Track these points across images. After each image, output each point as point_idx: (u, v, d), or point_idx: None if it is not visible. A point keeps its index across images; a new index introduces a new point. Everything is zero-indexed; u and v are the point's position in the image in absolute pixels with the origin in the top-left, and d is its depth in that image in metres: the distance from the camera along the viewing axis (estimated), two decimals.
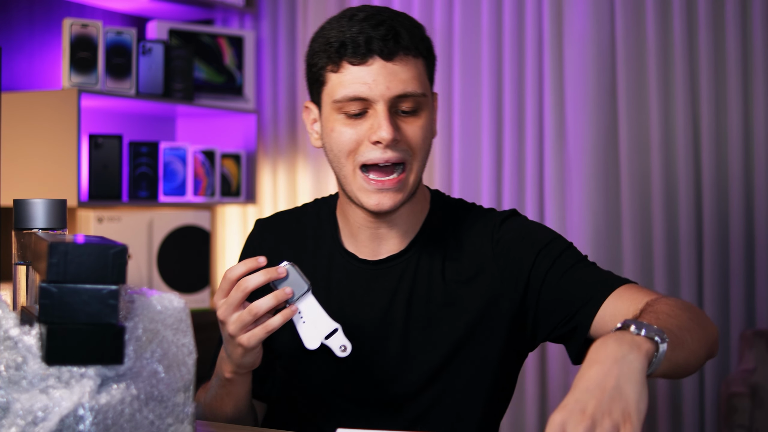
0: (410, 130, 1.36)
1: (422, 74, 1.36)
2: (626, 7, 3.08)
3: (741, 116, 2.96)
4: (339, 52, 1.34)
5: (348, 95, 1.33)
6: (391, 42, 1.32)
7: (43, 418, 0.80)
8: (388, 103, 1.33)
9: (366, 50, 1.32)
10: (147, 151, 3.20)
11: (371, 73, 1.32)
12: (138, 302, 0.90)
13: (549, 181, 3.19)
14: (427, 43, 1.38)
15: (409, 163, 1.37)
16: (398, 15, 1.37)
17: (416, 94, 1.34)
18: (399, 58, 1.33)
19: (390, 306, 1.45)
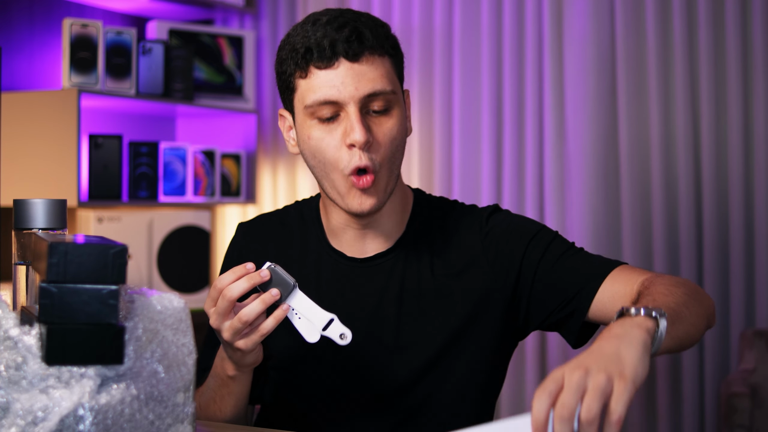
0: (381, 132, 1.37)
1: (390, 72, 1.37)
2: (626, 7, 3.08)
3: (741, 116, 2.96)
4: (305, 58, 1.34)
5: (318, 99, 1.34)
6: (355, 43, 1.33)
7: (43, 418, 0.80)
8: (358, 104, 1.34)
9: (331, 53, 1.33)
10: (147, 151, 3.20)
11: (339, 75, 1.33)
12: (138, 302, 0.90)
13: (549, 181, 3.19)
14: (392, 41, 1.39)
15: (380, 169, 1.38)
16: (361, 15, 1.38)
17: (386, 92, 1.35)
18: (365, 58, 1.34)
19: (380, 302, 1.47)
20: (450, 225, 1.50)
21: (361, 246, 1.49)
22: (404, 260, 1.48)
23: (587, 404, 0.96)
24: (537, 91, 3.22)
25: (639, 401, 3.06)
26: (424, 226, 1.50)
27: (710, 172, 2.99)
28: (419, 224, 1.50)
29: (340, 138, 1.36)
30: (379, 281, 1.47)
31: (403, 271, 1.47)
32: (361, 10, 1.43)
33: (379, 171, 1.38)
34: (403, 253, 1.48)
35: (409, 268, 1.47)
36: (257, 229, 1.58)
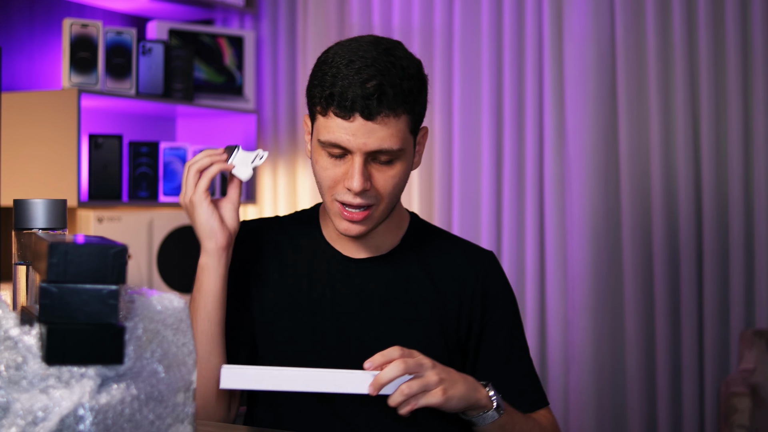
0: (382, 179, 1.47)
1: (402, 130, 1.44)
2: (626, 7, 3.08)
3: (741, 116, 2.96)
4: (327, 101, 1.43)
5: (330, 141, 1.44)
6: (374, 102, 1.40)
7: (43, 418, 0.80)
8: (363, 155, 1.43)
9: (350, 107, 1.40)
10: (147, 151, 3.20)
11: (352, 128, 1.41)
12: (138, 302, 0.90)
13: (549, 181, 3.19)
14: (414, 96, 1.44)
15: (376, 205, 1.48)
16: (392, 67, 1.42)
17: (392, 150, 1.44)
18: (380, 118, 1.41)
19: (367, 303, 1.55)
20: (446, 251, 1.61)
21: (355, 249, 1.58)
22: (395, 268, 1.57)
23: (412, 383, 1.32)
24: (537, 91, 3.22)
25: (639, 401, 3.06)
26: (418, 244, 1.61)
27: (710, 173, 2.99)
28: (414, 241, 1.61)
29: (342, 175, 1.46)
30: (369, 283, 1.56)
31: (393, 277, 1.57)
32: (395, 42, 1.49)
33: (374, 206, 1.48)
34: (395, 262, 1.58)
35: (399, 276, 1.57)
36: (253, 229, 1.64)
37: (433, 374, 1.33)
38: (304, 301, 1.55)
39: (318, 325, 1.53)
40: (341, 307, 1.54)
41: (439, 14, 3.37)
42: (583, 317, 3.12)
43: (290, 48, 3.67)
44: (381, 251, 1.58)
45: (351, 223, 1.48)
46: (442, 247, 1.62)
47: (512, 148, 3.24)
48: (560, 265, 3.18)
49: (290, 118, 3.66)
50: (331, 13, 3.56)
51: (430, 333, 1.54)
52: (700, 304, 3.03)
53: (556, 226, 3.18)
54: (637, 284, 3.07)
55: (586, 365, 3.11)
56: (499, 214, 3.29)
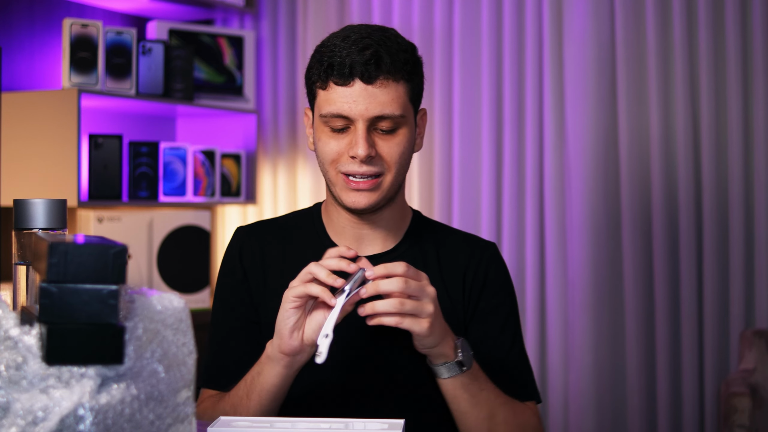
0: (386, 147, 1.48)
1: (401, 96, 1.47)
2: (626, 7, 3.08)
3: (741, 116, 2.96)
4: (327, 72, 1.47)
5: (332, 112, 1.46)
6: (372, 67, 1.44)
7: (43, 418, 0.80)
8: (366, 122, 1.46)
9: (349, 73, 1.44)
10: (147, 151, 3.20)
11: (353, 94, 1.45)
12: (138, 302, 0.90)
13: (549, 181, 3.19)
14: (410, 66, 1.49)
15: (384, 175, 1.50)
16: (387, 39, 1.47)
17: (393, 116, 1.46)
18: (379, 82, 1.45)
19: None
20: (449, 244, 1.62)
21: (359, 246, 1.58)
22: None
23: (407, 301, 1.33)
24: (537, 91, 3.22)
25: (639, 401, 3.06)
26: (422, 239, 1.61)
27: (710, 172, 2.99)
28: (417, 237, 1.62)
29: (345, 148, 1.48)
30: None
31: None
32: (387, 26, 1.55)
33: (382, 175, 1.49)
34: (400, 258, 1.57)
35: None
36: (255, 232, 1.65)
37: (430, 305, 1.34)
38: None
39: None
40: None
41: (439, 14, 3.37)
42: (583, 317, 3.12)
43: (290, 48, 3.67)
44: (385, 247, 1.58)
45: (358, 193, 1.49)
46: (445, 239, 1.63)
47: (512, 147, 3.25)
48: (560, 264, 3.18)
49: (290, 118, 3.66)
50: (331, 13, 3.56)
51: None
52: (700, 304, 3.03)
53: (556, 225, 3.18)
54: (637, 284, 3.07)
55: (586, 365, 3.11)
56: (499, 213, 3.29)
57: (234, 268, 1.61)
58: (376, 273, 1.33)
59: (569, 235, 3.16)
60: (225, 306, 1.62)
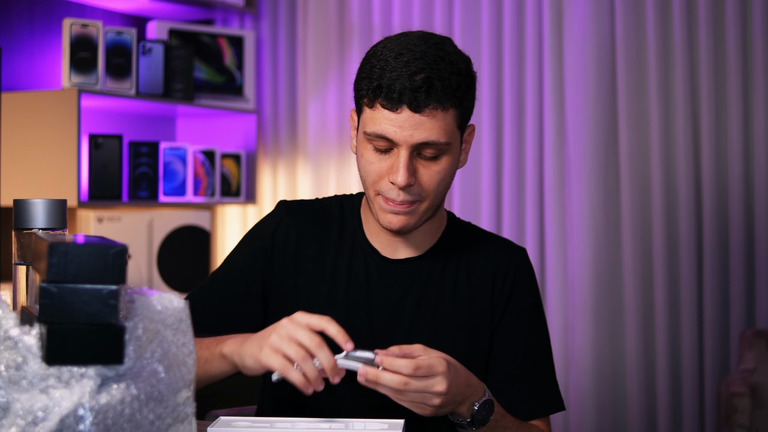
0: (427, 175, 1.45)
1: (449, 124, 1.43)
2: (626, 7, 3.08)
3: (741, 116, 2.96)
4: (375, 93, 1.42)
5: (376, 132, 1.43)
6: (422, 95, 1.39)
7: (43, 418, 0.80)
8: (410, 148, 1.42)
9: (398, 99, 1.39)
10: (147, 151, 3.20)
11: (399, 119, 1.40)
12: (138, 302, 0.90)
13: (549, 181, 3.19)
14: (463, 91, 1.43)
15: (420, 202, 1.47)
16: (441, 60, 1.41)
17: (438, 143, 1.42)
18: (427, 111, 1.40)
19: (400, 303, 1.55)
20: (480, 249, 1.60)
21: (394, 249, 1.58)
22: (430, 269, 1.57)
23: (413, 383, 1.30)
24: (537, 91, 3.22)
25: (639, 401, 3.06)
26: (454, 244, 1.60)
27: (710, 172, 2.99)
28: (450, 241, 1.60)
29: (387, 169, 1.45)
30: (403, 283, 1.56)
31: (427, 278, 1.57)
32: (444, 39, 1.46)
33: (418, 202, 1.47)
34: (431, 263, 1.57)
35: (433, 277, 1.57)
36: (301, 210, 1.63)
37: (437, 399, 1.30)
38: (341, 298, 1.55)
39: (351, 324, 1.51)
40: (375, 307, 1.54)
41: (439, 14, 3.37)
42: (583, 317, 3.12)
43: (290, 48, 3.67)
44: (418, 252, 1.57)
45: (394, 215, 1.47)
46: (477, 246, 1.61)
47: (512, 148, 3.24)
48: (560, 265, 3.18)
49: (290, 118, 3.66)
50: (331, 13, 3.55)
51: (463, 333, 1.54)
52: (700, 304, 3.03)
53: (556, 226, 3.18)
54: (637, 284, 3.07)
55: (586, 365, 3.11)
56: (499, 213, 3.29)
57: (263, 238, 1.59)
58: (384, 364, 1.28)
59: (569, 235, 3.16)
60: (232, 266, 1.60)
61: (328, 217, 1.62)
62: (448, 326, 1.54)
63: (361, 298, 1.55)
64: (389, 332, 1.54)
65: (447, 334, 1.54)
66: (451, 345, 1.51)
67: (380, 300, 1.55)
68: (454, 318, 1.55)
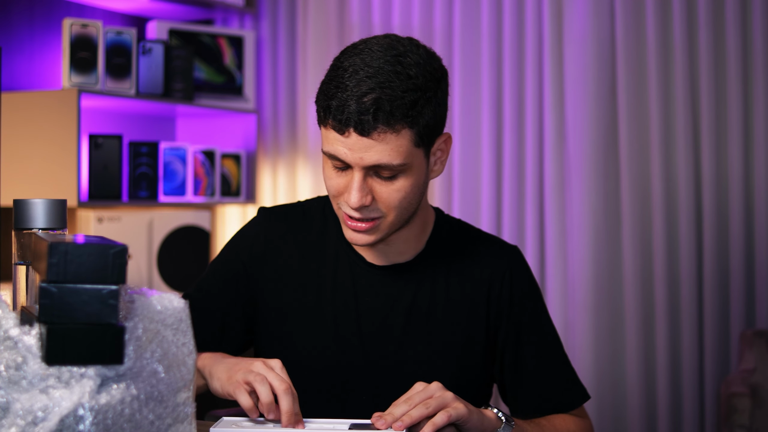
0: (386, 193, 1.39)
1: (403, 145, 1.36)
2: (626, 7, 3.08)
3: (741, 116, 2.96)
4: (326, 113, 1.38)
5: (329, 152, 1.39)
6: (369, 118, 1.32)
7: (43, 418, 0.80)
8: (362, 170, 1.37)
9: (345, 122, 1.34)
10: (147, 151, 3.20)
11: (348, 142, 1.35)
12: (138, 302, 0.90)
13: (549, 181, 3.19)
14: (418, 108, 1.35)
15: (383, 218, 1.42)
16: (394, 78, 1.34)
17: (392, 166, 1.36)
18: (375, 135, 1.34)
19: (390, 312, 1.51)
20: (471, 252, 1.56)
21: (379, 255, 1.53)
22: (420, 276, 1.53)
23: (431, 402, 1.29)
24: (537, 91, 3.22)
25: (639, 401, 3.06)
26: (444, 247, 1.55)
27: (710, 172, 2.99)
28: (439, 244, 1.55)
29: (344, 186, 1.40)
30: (392, 291, 1.52)
31: (417, 285, 1.52)
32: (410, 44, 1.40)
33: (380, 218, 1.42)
34: (420, 269, 1.53)
35: (423, 284, 1.52)
36: (280, 216, 1.60)
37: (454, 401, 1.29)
38: (327, 309, 1.51)
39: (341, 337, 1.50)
40: (364, 316, 1.50)
41: (439, 14, 3.37)
42: (583, 317, 3.12)
43: (290, 48, 3.67)
44: (405, 257, 1.53)
45: (356, 233, 1.42)
46: (468, 248, 1.56)
47: (512, 148, 3.24)
48: (560, 264, 3.18)
49: (290, 118, 3.66)
50: (331, 13, 3.55)
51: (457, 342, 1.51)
52: (700, 304, 3.03)
53: (556, 226, 3.18)
54: (637, 284, 3.07)
55: (586, 365, 3.11)
56: (499, 213, 3.29)
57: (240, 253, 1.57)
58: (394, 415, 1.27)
59: (569, 234, 3.16)
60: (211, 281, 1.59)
61: (310, 223, 1.58)
62: (441, 335, 1.50)
63: (349, 308, 1.50)
64: (380, 343, 1.50)
65: (440, 343, 1.50)
66: (445, 354, 1.49)
67: (369, 310, 1.51)
68: (447, 326, 1.51)
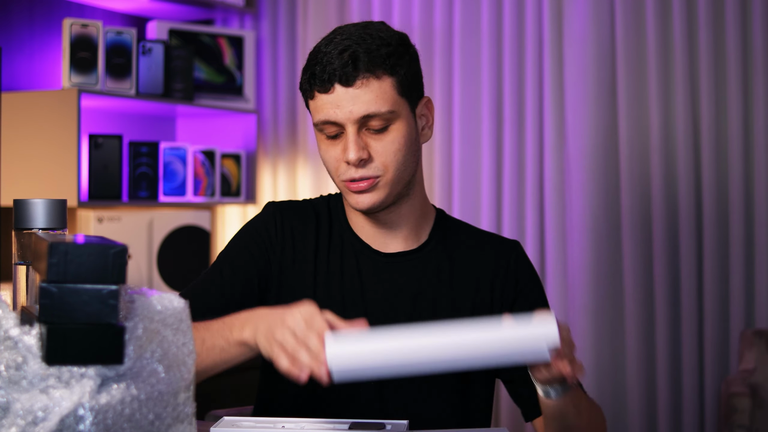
0: (381, 146, 1.46)
1: (387, 92, 1.44)
2: (626, 7, 3.08)
3: (741, 116, 2.96)
4: (310, 83, 1.46)
5: (321, 119, 1.46)
6: (349, 68, 1.42)
7: (43, 418, 0.80)
8: (355, 124, 1.44)
9: (328, 79, 1.43)
10: (147, 151, 3.20)
11: (335, 99, 1.43)
12: (138, 302, 0.90)
13: (549, 181, 3.19)
14: (394, 59, 1.45)
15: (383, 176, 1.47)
16: (368, 36, 1.45)
17: (381, 113, 1.43)
18: (359, 82, 1.42)
19: (396, 299, 1.54)
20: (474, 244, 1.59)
21: (384, 242, 1.56)
22: (425, 264, 1.55)
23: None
24: (537, 91, 3.22)
25: (639, 401, 3.06)
26: (446, 240, 1.59)
27: (710, 172, 2.99)
28: (442, 237, 1.59)
29: (341, 152, 1.46)
30: (398, 278, 1.55)
31: (422, 273, 1.55)
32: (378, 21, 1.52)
33: (381, 176, 1.46)
34: (425, 257, 1.56)
35: (428, 272, 1.55)
36: (290, 209, 1.61)
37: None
38: (337, 296, 1.53)
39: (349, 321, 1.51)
40: (371, 303, 1.53)
41: (439, 14, 3.37)
42: (583, 317, 3.12)
43: (290, 48, 3.67)
44: (410, 246, 1.56)
45: (359, 194, 1.47)
46: (469, 240, 1.60)
47: (512, 148, 3.24)
48: (560, 265, 3.18)
49: (290, 118, 3.66)
50: (331, 13, 3.56)
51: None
52: (700, 304, 3.03)
53: (556, 226, 3.18)
54: (637, 284, 3.07)
55: (586, 365, 3.11)
56: (499, 213, 3.29)
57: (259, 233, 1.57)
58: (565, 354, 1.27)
59: (569, 234, 3.16)
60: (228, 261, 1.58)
61: (318, 217, 1.60)
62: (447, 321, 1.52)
63: (356, 296, 1.53)
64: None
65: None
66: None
67: (375, 296, 1.53)
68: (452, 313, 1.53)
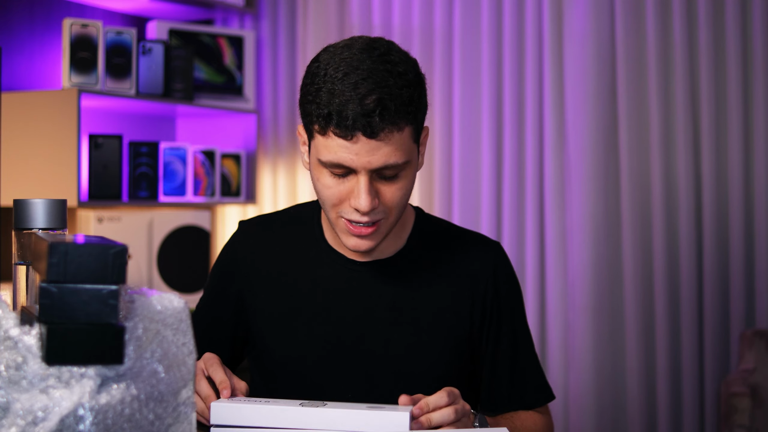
0: (390, 193, 1.40)
1: (406, 142, 1.37)
2: (626, 7, 3.08)
3: (741, 116, 2.96)
4: (326, 121, 1.34)
5: (332, 161, 1.36)
6: (376, 119, 1.32)
7: (43, 418, 0.80)
8: (369, 174, 1.36)
9: (351, 126, 1.32)
10: (147, 151, 3.20)
11: (355, 147, 1.34)
12: (138, 302, 0.90)
13: (549, 181, 3.19)
14: (415, 103, 1.36)
15: (385, 219, 1.42)
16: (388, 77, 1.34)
17: (398, 165, 1.37)
18: (383, 135, 1.33)
19: (374, 307, 1.51)
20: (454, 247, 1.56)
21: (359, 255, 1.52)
22: (403, 271, 1.52)
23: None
24: (537, 91, 3.22)
25: (639, 401, 3.06)
26: (425, 244, 1.55)
27: (710, 173, 2.99)
28: (420, 241, 1.55)
29: (347, 193, 1.39)
30: (375, 287, 1.51)
31: (400, 281, 1.52)
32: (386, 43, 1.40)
33: (382, 219, 1.42)
34: (402, 264, 1.53)
35: (406, 279, 1.52)
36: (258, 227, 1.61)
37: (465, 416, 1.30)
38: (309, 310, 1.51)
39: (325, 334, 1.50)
40: (347, 315, 1.50)
41: (439, 14, 3.37)
42: (583, 318, 3.12)
43: (290, 48, 3.67)
44: (386, 254, 1.53)
45: (360, 239, 1.41)
46: (449, 243, 1.57)
47: (512, 148, 3.24)
48: (560, 265, 3.18)
49: (290, 118, 3.66)
50: (331, 13, 3.55)
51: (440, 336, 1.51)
52: (700, 304, 3.03)
53: (556, 226, 3.18)
54: (637, 284, 3.07)
55: (586, 365, 3.11)
56: (499, 214, 3.29)
57: (224, 271, 1.60)
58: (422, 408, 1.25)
59: (569, 235, 3.16)
60: (205, 303, 1.63)
61: (285, 229, 1.58)
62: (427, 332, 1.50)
63: (332, 304, 1.51)
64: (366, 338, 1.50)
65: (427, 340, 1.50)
66: (432, 351, 1.50)
67: (351, 305, 1.51)
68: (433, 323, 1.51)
